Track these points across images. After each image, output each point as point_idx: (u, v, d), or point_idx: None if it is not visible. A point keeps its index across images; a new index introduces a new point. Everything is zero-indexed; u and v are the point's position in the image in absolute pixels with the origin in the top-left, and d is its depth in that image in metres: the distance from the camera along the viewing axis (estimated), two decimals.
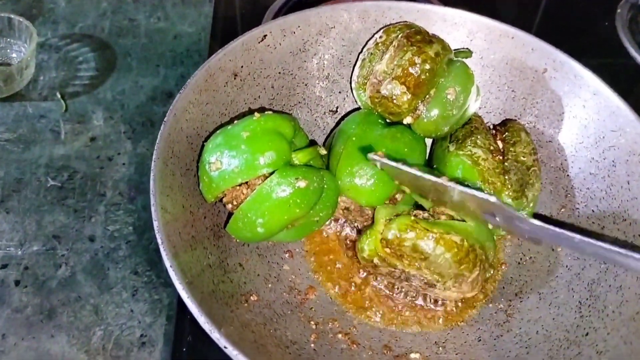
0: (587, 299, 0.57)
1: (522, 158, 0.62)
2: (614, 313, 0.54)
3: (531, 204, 0.62)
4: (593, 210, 0.63)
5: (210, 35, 0.92)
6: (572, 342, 0.54)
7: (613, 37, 0.96)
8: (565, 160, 0.66)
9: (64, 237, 0.70)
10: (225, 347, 0.44)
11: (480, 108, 0.68)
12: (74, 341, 0.62)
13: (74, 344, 0.62)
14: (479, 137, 0.63)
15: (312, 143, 0.65)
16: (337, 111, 0.72)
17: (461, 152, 0.62)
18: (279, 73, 0.68)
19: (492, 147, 0.63)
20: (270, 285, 0.59)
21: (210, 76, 0.61)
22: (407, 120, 0.65)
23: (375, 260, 0.58)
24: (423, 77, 0.61)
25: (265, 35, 0.65)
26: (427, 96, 0.63)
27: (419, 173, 0.54)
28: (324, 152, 0.62)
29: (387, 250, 0.56)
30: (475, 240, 0.56)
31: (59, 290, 0.66)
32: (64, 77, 0.85)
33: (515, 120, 0.68)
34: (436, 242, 0.54)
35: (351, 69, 0.70)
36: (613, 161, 0.62)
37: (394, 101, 0.62)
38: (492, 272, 0.60)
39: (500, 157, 0.63)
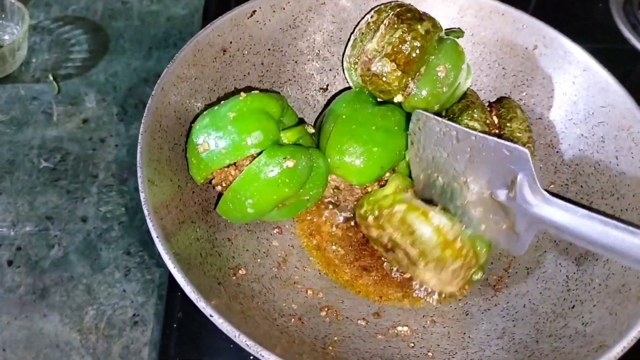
0: (574, 272, 0.57)
1: (517, 134, 0.63)
2: (600, 286, 0.54)
3: None
4: (582, 186, 0.63)
5: (202, 17, 0.91)
6: (559, 314, 0.55)
7: (608, 19, 0.96)
8: (555, 136, 0.66)
9: (57, 218, 0.70)
10: (211, 316, 0.45)
11: (471, 85, 0.68)
12: (67, 320, 0.63)
13: (66, 323, 0.62)
14: (475, 110, 0.63)
15: (301, 121, 0.65)
16: (327, 89, 0.72)
17: None
18: (269, 50, 0.67)
19: (488, 121, 0.63)
20: (259, 260, 0.60)
21: (198, 51, 0.61)
22: (398, 98, 0.65)
23: (369, 219, 0.59)
24: (413, 54, 0.61)
25: (254, 11, 0.65)
26: (418, 74, 0.63)
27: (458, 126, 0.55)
28: (312, 130, 0.62)
29: (380, 214, 0.58)
30: (467, 239, 0.57)
31: (52, 270, 0.66)
32: (57, 60, 0.85)
33: (510, 97, 0.68)
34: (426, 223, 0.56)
35: (342, 46, 0.70)
36: (602, 137, 0.62)
37: (384, 79, 0.62)
38: (479, 275, 0.59)
39: (497, 131, 0.63)
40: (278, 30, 0.67)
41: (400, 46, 0.61)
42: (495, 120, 0.64)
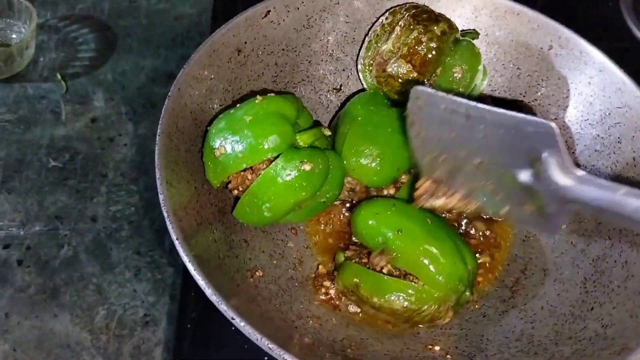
0: (592, 274, 0.57)
1: None
2: (619, 288, 0.54)
3: None
4: None
5: (211, 16, 0.91)
6: (578, 316, 0.54)
7: (618, 18, 0.95)
8: (571, 137, 0.65)
9: (66, 218, 0.69)
10: (233, 319, 0.44)
11: (485, 86, 0.68)
12: (77, 320, 0.62)
13: (77, 323, 0.62)
14: None
15: (317, 123, 0.64)
16: (340, 89, 0.72)
17: None
18: (283, 50, 0.67)
19: None
20: (275, 262, 0.59)
21: (214, 51, 0.61)
22: None
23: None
24: (429, 55, 0.61)
25: (269, 11, 0.64)
26: (434, 75, 0.63)
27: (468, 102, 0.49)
28: (328, 133, 0.62)
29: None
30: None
31: (62, 270, 0.65)
32: (64, 58, 0.84)
33: (522, 101, 0.68)
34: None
35: (355, 46, 0.70)
36: (619, 138, 0.62)
37: (400, 80, 0.62)
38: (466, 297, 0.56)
39: None
40: (292, 30, 0.67)
41: (416, 47, 0.61)
42: None
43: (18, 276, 0.65)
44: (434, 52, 0.61)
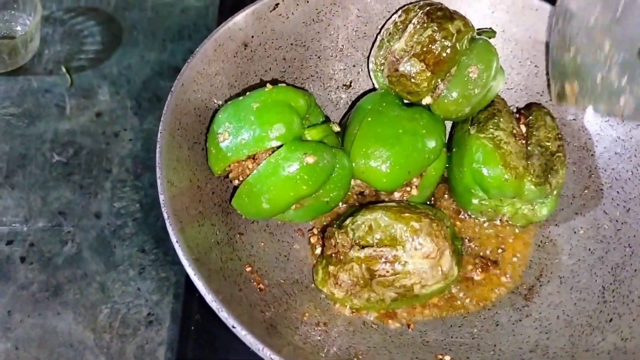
0: (610, 283, 0.56)
1: (546, 143, 0.60)
2: (639, 299, 0.52)
3: (555, 192, 0.60)
4: (618, 192, 0.61)
5: (218, 9, 0.89)
6: (595, 327, 0.53)
7: None
8: (590, 139, 0.64)
9: (70, 214, 0.69)
10: (233, 327, 0.43)
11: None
12: (80, 319, 0.62)
13: (80, 322, 0.62)
14: (501, 119, 0.61)
15: (327, 120, 0.63)
16: (351, 85, 0.70)
17: (482, 135, 0.60)
18: (291, 44, 0.66)
19: (515, 131, 0.61)
20: (280, 265, 0.58)
21: (219, 46, 0.59)
22: (427, 100, 0.62)
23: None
24: (444, 54, 0.59)
25: (277, 4, 0.63)
26: (448, 75, 0.61)
27: None
28: (337, 128, 0.60)
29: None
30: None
31: (65, 267, 0.65)
32: (69, 51, 0.83)
33: (540, 104, 0.66)
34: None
35: (366, 41, 0.68)
36: None
37: (413, 80, 0.60)
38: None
39: (523, 142, 0.61)
40: (301, 24, 0.65)
41: (430, 46, 0.59)
42: (523, 129, 0.62)
43: (21, 273, 0.64)
44: (448, 51, 0.59)
